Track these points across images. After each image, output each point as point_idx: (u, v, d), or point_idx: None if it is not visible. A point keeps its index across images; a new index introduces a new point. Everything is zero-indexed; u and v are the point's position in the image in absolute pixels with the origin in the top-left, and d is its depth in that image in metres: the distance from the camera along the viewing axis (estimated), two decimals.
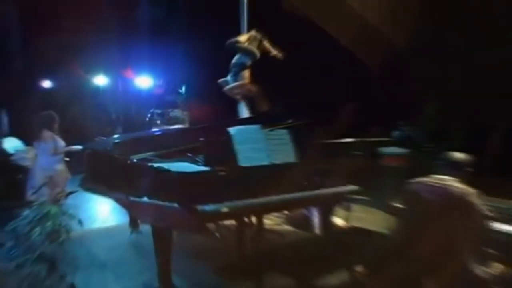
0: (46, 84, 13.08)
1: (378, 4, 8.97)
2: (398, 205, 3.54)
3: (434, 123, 7.99)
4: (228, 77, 6.43)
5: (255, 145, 4.25)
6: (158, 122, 8.92)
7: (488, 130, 7.40)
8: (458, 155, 3.29)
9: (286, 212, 6.16)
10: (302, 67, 9.33)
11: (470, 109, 7.53)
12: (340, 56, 9.51)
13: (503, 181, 4.92)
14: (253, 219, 5.14)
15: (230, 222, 5.08)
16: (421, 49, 8.77)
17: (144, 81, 12.11)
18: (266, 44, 6.50)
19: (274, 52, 6.52)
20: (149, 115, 9.51)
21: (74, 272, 3.92)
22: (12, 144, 6.43)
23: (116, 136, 6.65)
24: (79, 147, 5.89)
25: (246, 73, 6.33)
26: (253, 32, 6.52)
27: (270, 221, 6.23)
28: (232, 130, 4.20)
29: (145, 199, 3.77)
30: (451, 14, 7.96)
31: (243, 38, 6.49)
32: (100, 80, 12.83)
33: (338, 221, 5.69)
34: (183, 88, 9.62)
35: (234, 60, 6.41)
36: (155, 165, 3.97)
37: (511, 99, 6.82)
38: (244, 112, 6.29)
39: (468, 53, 7.41)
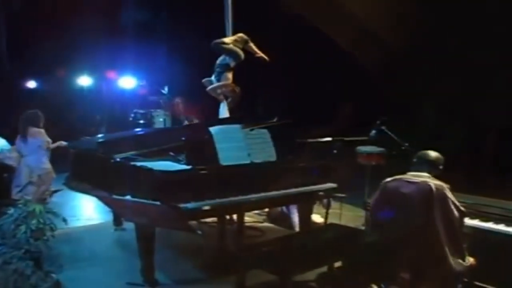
0: (31, 84, 13.03)
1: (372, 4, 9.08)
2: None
3: (430, 123, 8.16)
4: (212, 77, 6.48)
5: (236, 144, 4.35)
6: (141, 122, 9.01)
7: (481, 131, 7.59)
8: (433, 154, 3.43)
9: (266, 209, 6.28)
10: (283, 67, 9.43)
11: (462, 110, 7.71)
12: (324, 56, 9.66)
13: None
14: (235, 216, 5.26)
15: (212, 219, 5.20)
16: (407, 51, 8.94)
17: (127, 82, 12.11)
18: (252, 46, 6.55)
19: (259, 54, 6.57)
20: (132, 115, 9.57)
21: (59, 269, 3.98)
22: None
23: (100, 135, 6.69)
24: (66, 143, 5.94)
25: (230, 74, 6.37)
26: (239, 35, 6.57)
27: (251, 218, 6.36)
28: (213, 129, 4.31)
29: (129, 197, 3.84)
30: (448, 14, 8.09)
31: (228, 39, 6.54)
32: (84, 81, 12.83)
33: (317, 218, 5.82)
34: (166, 89, 9.66)
35: (218, 61, 6.44)
36: (138, 164, 4.04)
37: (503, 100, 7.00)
38: (225, 112, 6.33)
39: (465, 54, 7.56)
